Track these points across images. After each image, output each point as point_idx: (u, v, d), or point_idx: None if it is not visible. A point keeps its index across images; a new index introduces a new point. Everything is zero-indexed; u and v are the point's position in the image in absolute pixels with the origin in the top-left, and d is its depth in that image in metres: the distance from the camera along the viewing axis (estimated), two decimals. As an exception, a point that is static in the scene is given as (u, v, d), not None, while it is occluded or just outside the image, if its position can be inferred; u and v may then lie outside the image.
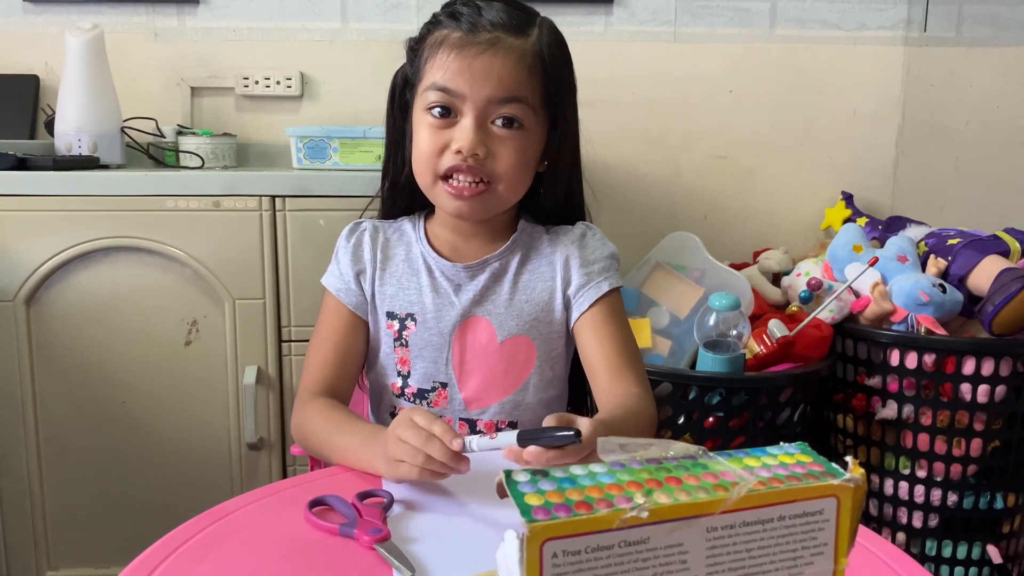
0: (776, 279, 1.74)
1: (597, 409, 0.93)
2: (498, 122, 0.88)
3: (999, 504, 1.46)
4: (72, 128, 1.56)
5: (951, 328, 1.51)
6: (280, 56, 1.81)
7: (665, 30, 1.85)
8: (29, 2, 1.77)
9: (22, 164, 1.42)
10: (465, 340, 0.94)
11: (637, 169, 1.89)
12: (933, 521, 1.48)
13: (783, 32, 1.87)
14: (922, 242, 1.62)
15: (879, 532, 1.53)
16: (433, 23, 0.91)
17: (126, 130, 1.64)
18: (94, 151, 1.56)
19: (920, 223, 1.73)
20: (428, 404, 0.95)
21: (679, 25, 1.85)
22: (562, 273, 0.95)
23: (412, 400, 0.96)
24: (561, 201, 0.99)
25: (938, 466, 1.46)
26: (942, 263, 1.54)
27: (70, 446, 1.46)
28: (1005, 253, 1.54)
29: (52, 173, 1.40)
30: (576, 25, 1.82)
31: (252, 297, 1.43)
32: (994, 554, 1.47)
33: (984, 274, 1.48)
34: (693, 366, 1.46)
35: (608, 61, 1.84)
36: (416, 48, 0.93)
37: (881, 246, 1.61)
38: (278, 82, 1.81)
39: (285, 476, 1.50)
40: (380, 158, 1.03)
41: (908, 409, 1.45)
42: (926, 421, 1.44)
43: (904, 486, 1.49)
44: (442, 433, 0.71)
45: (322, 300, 0.99)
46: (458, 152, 0.87)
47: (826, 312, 1.49)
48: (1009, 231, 1.60)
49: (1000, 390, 1.40)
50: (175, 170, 1.60)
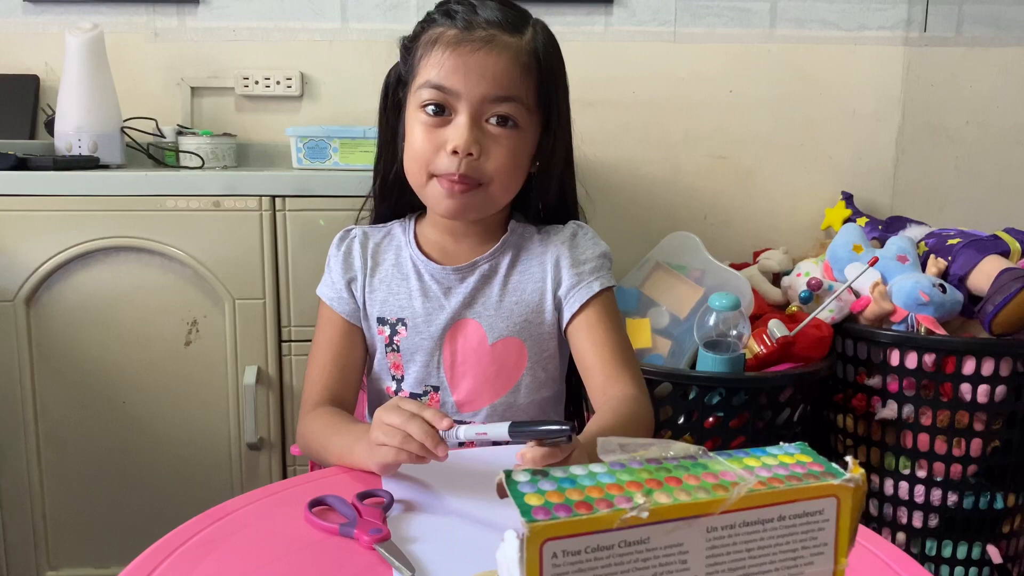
0: (776, 279, 1.74)
1: (593, 411, 0.93)
2: (492, 120, 0.87)
3: (999, 504, 1.46)
4: (72, 128, 1.56)
5: (951, 328, 1.51)
6: (280, 56, 1.81)
7: (665, 30, 1.85)
8: (29, 2, 1.77)
9: (22, 164, 1.42)
10: (456, 343, 0.94)
11: (637, 169, 1.89)
12: (933, 521, 1.48)
13: (783, 32, 1.87)
14: (922, 242, 1.62)
15: (879, 532, 1.53)
16: (427, 21, 0.91)
17: (126, 130, 1.64)
18: (94, 151, 1.56)
19: (920, 223, 1.73)
20: None
21: (679, 25, 1.85)
22: (552, 274, 0.95)
23: None
24: (554, 201, 0.99)
25: (938, 466, 1.46)
26: (942, 263, 1.54)
27: (70, 446, 1.46)
28: (1005, 253, 1.54)
29: (52, 173, 1.40)
30: (576, 25, 1.82)
31: (252, 297, 1.43)
32: (994, 554, 1.47)
33: (984, 274, 1.48)
34: (693, 366, 1.46)
35: (608, 61, 1.84)
36: (410, 46, 0.92)
37: (881, 246, 1.61)
38: (278, 82, 1.81)
39: (285, 476, 1.50)
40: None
41: (908, 409, 1.45)
42: (926, 421, 1.44)
43: (904, 486, 1.49)
44: (431, 416, 0.70)
45: (319, 310, 0.99)
46: (453, 152, 0.86)
47: (826, 312, 1.49)
48: (1009, 231, 1.60)
49: (1000, 390, 1.40)
50: (175, 170, 1.60)
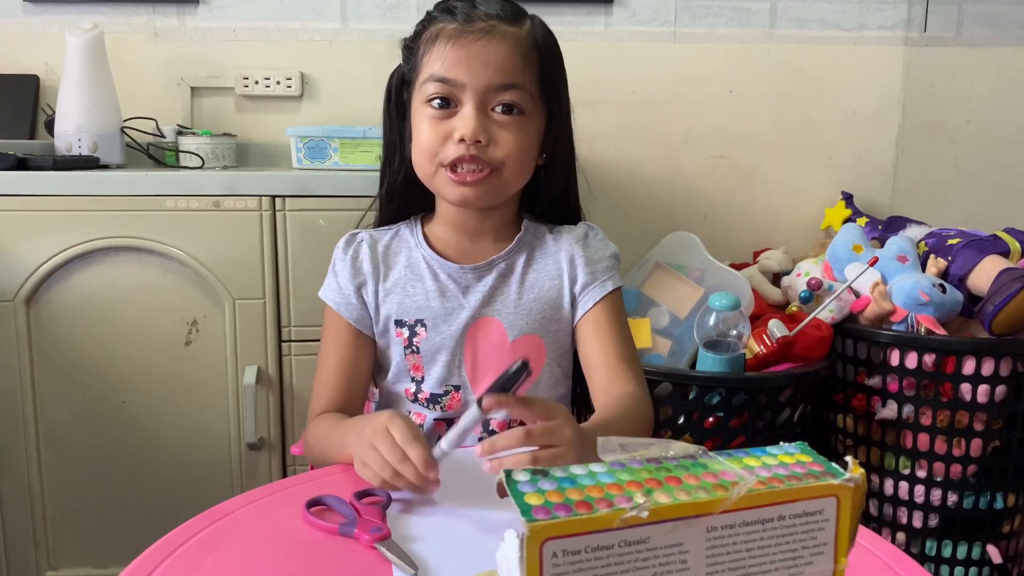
0: (776, 279, 1.74)
1: (594, 408, 0.94)
2: (498, 109, 0.88)
3: (999, 504, 1.46)
4: (72, 128, 1.56)
5: (951, 328, 1.51)
6: (280, 56, 1.81)
7: (665, 30, 1.85)
8: (29, 2, 1.77)
9: (22, 164, 1.42)
10: (476, 341, 0.94)
11: (637, 169, 1.89)
12: (933, 521, 1.48)
13: (783, 32, 1.87)
14: (922, 242, 1.62)
15: (879, 532, 1.53)
16: (427, 20, 0.92)
17: (126, 130, 1.64)
18: (94, 151, 1.56)
19: (920, 223, 1.73)
20: (442, 408, 0.95)
21: (679, 25, 1.85)
22: (568, 271, 0.96)
23: (426, 404, 0.96)
24: (560, 195, 1.00)
25: (938, 466, 1.45)
26: (942, 263, 1.54)
27: (70, 446, 1.46)
28: (1005, 253, 1.54)
29: (52, 173, 1.40)
30: (576, 25, 1.82)
31: (252, 297, 1.43)
32: (994, 554, 1.47)
33: (984, 274, 1.48)
34: (693, 366, 1.46)
35: (608, 61, 1.84)
36: (412, 46, 0.94)
37: (881, 246, 1.61)
38: (278, 82, 1.81)
39: (285, 476, 1.50)
40: (380, 159, 1.03)
41: (908, 409, 1.45)
42: (926, 421, 1.44)
43: (904, 486, 1.49)
44: (417, 458, 0.70)
45: (323, 314, 0.98)
46: (461, 140, 0.87)
47: (826, 312, 1.49)
48: (1009, 231, 1.60)
49: (1000, 390, 1.40)
50: (175, 170, 1.60)
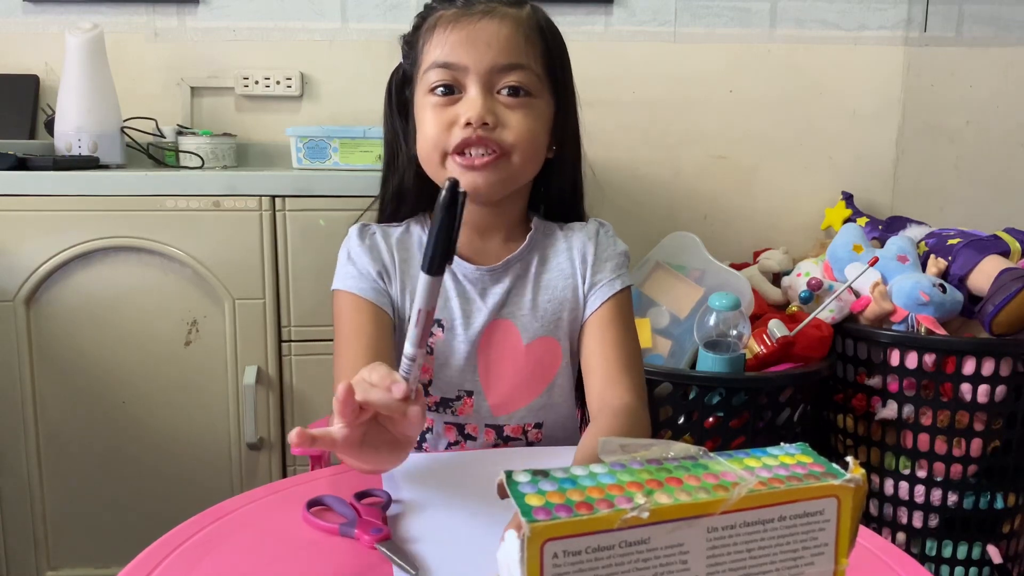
0: (776, 279, 1.74)
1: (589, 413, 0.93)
2: (504, 91, 0.85)
3: (999, 504, 1.46)
4: (72, 128, 1.56)
5: (951, 328, 1.51)
6: (280, 56, 1.81)
7: (665, 30, 1.85)
8: (29, 2, 1.77)
9: (22, 164, 1.42)
10: (491, 346, 0.91)
11: (637, 169, 1.89)
12: (933, 521, 1.48)
13: (783, 32, 1.87)
14: (922, 242, 1.62)
15: (879, 532, 1.53)
16: (426, 10, 0.90)
17: (126, 130, 1.64)
18: (94, 151, 1.56)
19: (920, 223, 1.73)
20: (453, 412, 0.92)
21: (679, 25, 1.85)
22: (580, 269, 0.94)
23: (434, 408, 0.92)
24: (569, 190, 0.97)
25: (938, 466, 1.46)
26: (942, 263, 1.54)
27: (70, 446, 1.46)
28: (1005, 253, 1.54)
29: (52, 173, 1.40)
30: (576, 25, 1.82)
31: (252, 297, 1.43)
32: (994, 554, 1.47)
33: (984, 274, 1.48)
34: (693, 366, 1.46)
35: (608, 61, 1.84)
36: (411, 39, 0.91)
37: (881, 246, 1.61)
38: (278, 82, 1.81)
39: (285, 476, 1.50)
40: (380, 158, 1.01)
41: (908, 409, 1.45)
42: (926, 421, 1.44)
43: (904, 486, 1.49)
44: (381, 379, 0.63)
45: (334, 309, 0.92)
46: (467, 124, 0.83)
47: (826, 312, 1.49)
48: (1009, 231, 1.60)
49: (1000, 390, 1.40)
50: (175, 170, 1.60)
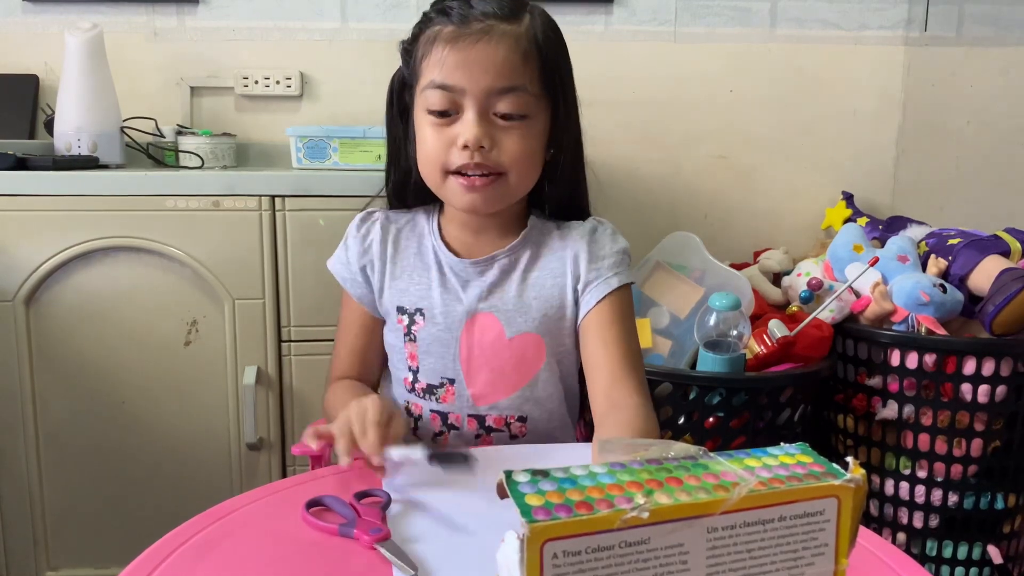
0: (776, 279, 1.74)
1: (591, 412, 0.93)
2: (500, 114, 0.87)
3: (999, 504, 1.46)
4: (72, 128, 1.56)
5: (951, 328, 1.51)
6: (280, 56, 1.81)
7: (665, 30, 1.85)
8: (29, 2, 1.76)
9: (22, 164, 1.42)
10: (473, 337, 0.94)
11: (637, 169, 1.89)
12: (933, 521, 1.48)
13: (783, 32, 1.87)
14: (922, 242, 1.62)
15: (879, 532, 1.53)
16: (424, 22, 0.91)
17: (126, 130, 1.64)
18: (94, 151, 1.56)
19: (920, 223, 1.73)
20: (437, 400, 0.96)
21: (679, 25, 1.85)
22: (572, 269, 0.94)
23: (422, 396, 0.96)
24: (568, 192, 0.98)
25: (938, 466, 1.45)
26: (942, 263, 1.54)
27: (70, 446, 1.46)
28: (1005, 253, 1.54)
29: (52, 173, 1.40)
30: (576, 25, 1.82)
31: (252, 297, 1.43)
32: (994, 554, 1.47)
33: (984, 274, 1.48)
34: (693, 366, 1.46)
35: (608, 61, 1.84)
36: (410, 48, 0.93)
37: (881, 246, 1.61)
38: (278, 82, 1.81)
39: (285, 476, 1.50)
40: (380, 158, 1.03)
41: (908, 409, 1.45)
42: (926, 421, 1.44)
43: (904, 486, 1.48)
44: (370, 442, 0.76)
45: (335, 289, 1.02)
46: (464, 147, 0.86)
47: (826, 312, 1.49)
48: (1009, 231, 1.60)
49: (1000, 390, 1.40)
50: (175, 170, 1.59)
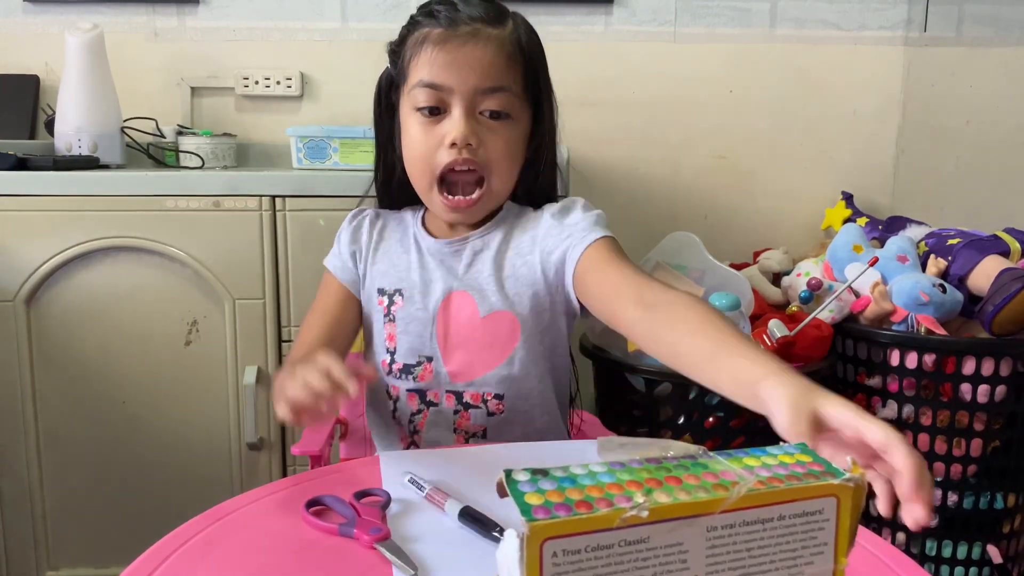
0: (776, 279, 1.74)
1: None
2: (486, 114, 0.91)
3: (999, 504, 1.46)
4: (72, 128, 1.56)
5: (951, 328, 1.51)
6: (280, 56, 1.82)
7: (665, 30, 1.85)
8: (29, 2, 1.77)
9: (22, 164, 1.42)
10: (449, 315, 0.96)
11: (637, 169, 1.89)
12: (933, 521, 1.48)
13: (783, 32, 1.87)
14: (922, 242, 1.62)
15: (879, 532, 1.53)
16: (412, 24, 0.94)
17: (126, 130, 1.65)
18: (94, 151, 1.56)
19: (920, 223, 1.73)
20: (414, 378, 0.97)
21: (679, 25, 1.85)
22: (542, 245, 0.94)
23: (399, 376, 0.97)
24: (545, 184, 1.01)
25: (938, 466, 1.46)
26: (942, 263, 1.54)
27: (70, 446, 1.46)
28: (1005, 253, 1.54)
29: (52, 173, 1.40)
30: (576, 25, 1.82)
31: (252, 297, 1.43)
32: (994, 554, 1.47)
33: (984, 274, 1.48)
34: (693, 366, 1.46)
35: (608, 61, 1.84)
36: (398, 50, 0.95)
37: (881, 246, 1.61)
38: (278, 82, 1.81)
39: (285, 476, 1.50)
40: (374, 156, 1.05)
41: (908, 409, 1.45)
42: (926, 421, 1.44)
43: (904, 486, 1.48)
44: (339, 374, 0.70)
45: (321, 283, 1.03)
46: (452, 145, 0.89)
47: (826, 312, 1.49)
48: (1009, 231, 1.60)
49: (1000, 390, 1.40)
50: (175, 170, 1.60)
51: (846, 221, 1.78)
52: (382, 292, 0.99)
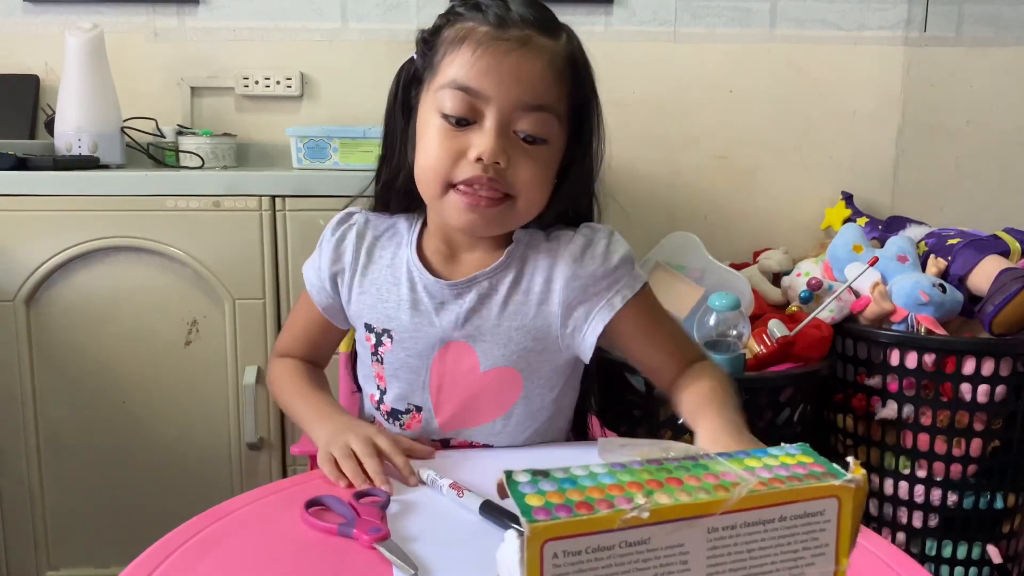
0: (776, 279, 1.74)
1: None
2: (521, 134, 0.79)
3: (999, 504, 1.46)
4: (72, 128, 1.56)
5: (951, 328, 1.51)
6: (280, 56, 1.81)
7: (665, 30, 1.85)
8: (29, 2, 1.76)
9: (22, 164, 1.42)
10: (445, 366, 0.86)
11: (637, 169, 1.89)
12: (933, 521, 1.48)
13: (783, 32, 1.87)
14: (922, 242, 1.62)
15: (879, 532, 1.53)
16: (451, 14, 0.82)
17: (126, 130, 1.64)
18: (94, 151, 1.56)
19: (920, 223, 1.73)
20: (401, 425, 0.89)
21: (679, 25, 1.85)
22: (563, 296, 0.84)
23: (386, 418, 0.91)
24: (576, 207, 0.91)
25: (938, 466, 1.45)
26: (942, 263, 1.54)
27: (70, 446, 1.46)
28: (1005, 253, 1.54)
29: (52, 173, 1.40)
30: (576, 25, 1.79)
31: (252, 297, 1.43)
32: (994, 554, 1.47)
33: (984, 274, 1.48)
34: (693, 366, 1.46)
35: (608, 61, 1.82)
36: (430, 40, 0.83)
37: (881, 246, 1.61)
38: (278, 82, 1.81)
39: (285, 476, 1.50)
40: (379, 154, 0.92)
41: (908, 409, 1.45)
42: (926, 421, 1.44)
43: (904, 486, 1.48)
44: (401, 464, 0.77)
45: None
46: (478, 160, 0.78)
47: (826, 312, 1.49)
48: (1009, 231, 1.60)
49: (1000, 390, 1.40)
50: (175, 170, 1.60)
51: (846, 221, 1.78)
52: (369, 328, 0.88)
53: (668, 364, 0.89)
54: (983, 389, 1.40)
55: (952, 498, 1.46)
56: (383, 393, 0.90)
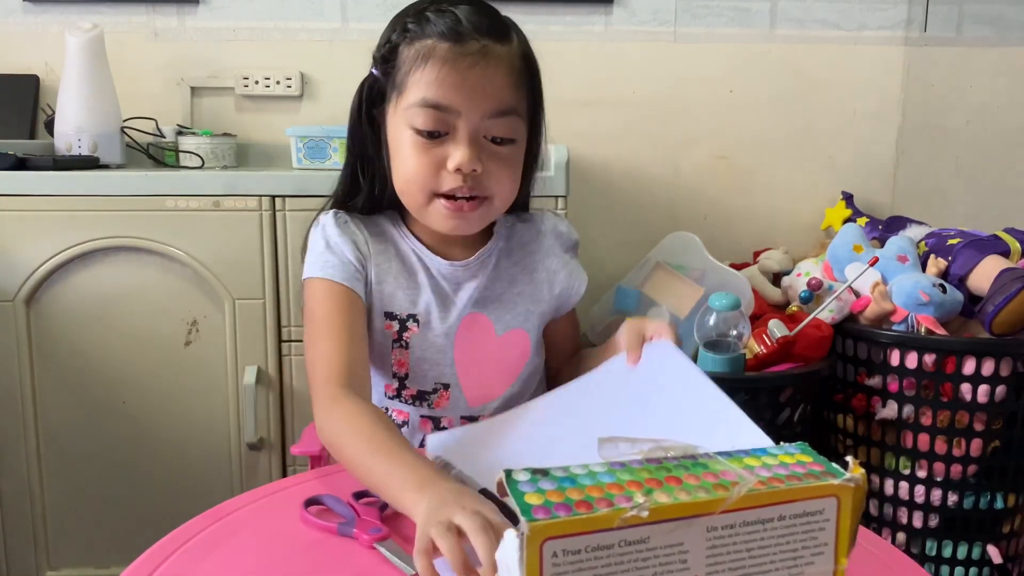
0: (776, 279, 1.74)
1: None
2: (491, 139, 0.85)
3: (999, 504, 1.46)
4: (72, 128, 1.56)
5: (951, 328, 1.51)
6: (280, 56, 1.81)
7: (665, 30, 1.85)
8: (29, 2, 1.77)
9: (22, 164, 1.42)
10: (468, 339, 0.93)
11: (637, 169, 1.89)
12: (933, 521, 1.48)
13: (783, 32, 1.87)
14: (922, 242, 1.62)
15: (879, 532, 1.53)
16: (404, 31, 0.86)
17: (126, 130, 1.64)
18: (94, 151, 1.56)
19: (920, 223, 1.73)
20: (429, 406, 0.94)
21: (679, 25, 1.85)
22: (552, 265, 0.99)
23: (410, 402, 0.94)
24: (523, 198, 0.99)
25: (938, 466, 1.45)
26: (942, 263, 1.54)
27: (70, 446, 1.46)
28: (1005, 253, 1.54)
29: (52, 173, 1.40)
30: (576, 25, 1.82)
31: (252, 297, 1.43)
32: (994, 554, 1.47)
33: (984, 274, 1.48)
34: (693, 366, 1.46)
35: (608, 61, 1.84)
36: (389, 58, 0.87)
37: (881, 246, 1.61)
38: (278, 82, 1.81)
39: (285, 476, 1.50)
40: (346, 165, 0.96)
41: (908, 409, 1.45)
42: (926, 421, 1.44)
43: (904, 486, 1.48)
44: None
45: (306, 297, 0.90)
46: (456, 171, 0.84)
47: (826, 312, 1.49)
48: (1009, 231, 1.60)
49: (1000, 390, 1.40)
50: (175, 170, 1.59)
51: (846, 221, 1.78)
52: (391, 316, 0.92)
53: (568, 344, 1.04)
54: (983, 389, 1.40)
55: (952, 498, 1.46)
56: (404, 379, 0.94)
